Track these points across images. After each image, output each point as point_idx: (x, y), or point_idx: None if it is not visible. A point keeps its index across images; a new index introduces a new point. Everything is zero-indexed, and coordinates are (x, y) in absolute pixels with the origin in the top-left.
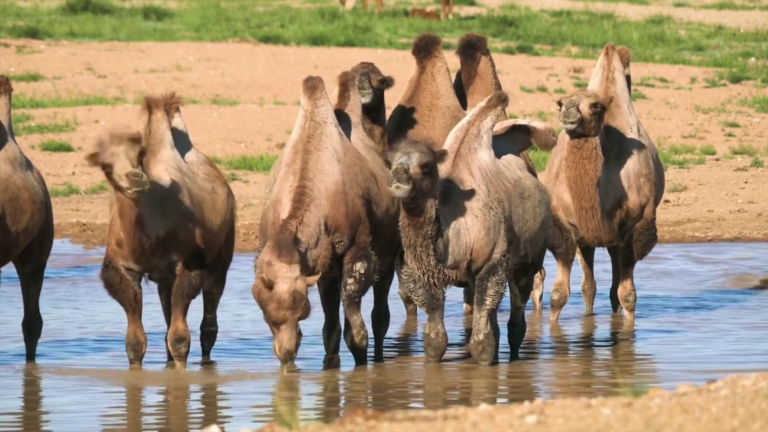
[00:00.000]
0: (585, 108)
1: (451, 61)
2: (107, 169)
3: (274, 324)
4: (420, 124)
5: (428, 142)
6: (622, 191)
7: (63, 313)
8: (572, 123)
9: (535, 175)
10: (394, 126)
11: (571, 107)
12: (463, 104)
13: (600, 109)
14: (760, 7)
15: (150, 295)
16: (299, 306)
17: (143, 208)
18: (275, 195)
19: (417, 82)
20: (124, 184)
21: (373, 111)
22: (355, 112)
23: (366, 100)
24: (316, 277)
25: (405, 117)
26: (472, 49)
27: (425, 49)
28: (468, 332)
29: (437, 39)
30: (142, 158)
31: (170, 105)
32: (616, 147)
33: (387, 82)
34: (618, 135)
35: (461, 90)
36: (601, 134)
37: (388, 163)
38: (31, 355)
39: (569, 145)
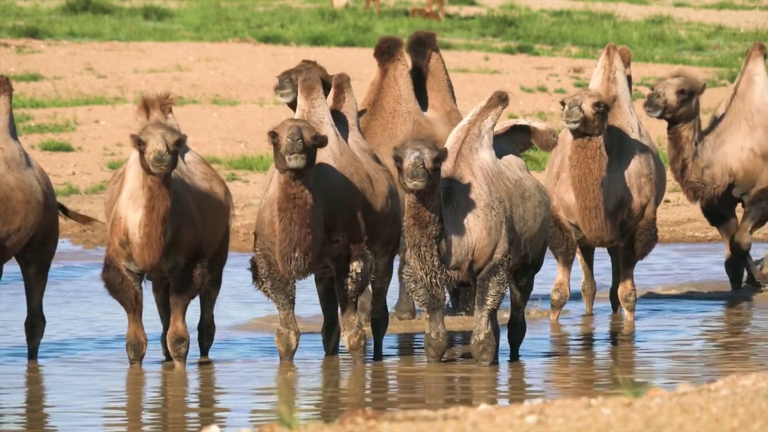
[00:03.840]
0: (588, 107)
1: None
2: (142, 147)
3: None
4: (383, 128)
5: (432, 139)
6: (623, 191)
7: (62, 312)
8: (575, 122)
9: None
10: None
11: (574, 106)
12: (420, 102)
13: (603, 108)
14: (760, 7)
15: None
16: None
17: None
18: (271, 194)
19: (380, 85)
20: (152, 161)
21: None
22: (350, 114)
23: (285, 100)
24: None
25: (368, 121)
26: (422, 47)
27: (387, 52)
28: (467, 332)
29: (400, 42)
30: (177, 147)
31: (165, 105)
32: (617, 147)
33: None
34: (619, 135)
35: (416, 89)
36: (604, 134)
37: (398, 160)
38: (32, 354)
39: (573, 145)
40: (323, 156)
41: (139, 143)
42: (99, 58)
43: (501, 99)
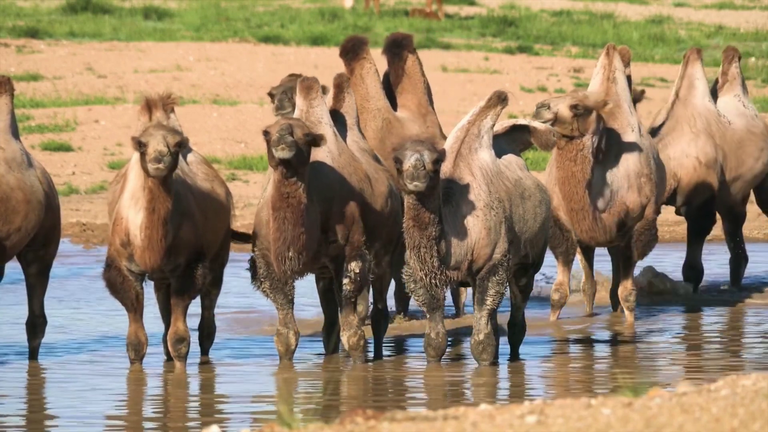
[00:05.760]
0: (564, 109)
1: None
2: (143, 148)
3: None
4: None
5: (431, 140)
6: (622, 191)
7: (62, 312)
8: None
9: None
10: None
11: (541, 108)
12: (392, 104)
13: (581, 110)
14: (760, 7)
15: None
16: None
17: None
18: (268, 194)
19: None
20: (151, 161)
21: None
22: (350, 114)
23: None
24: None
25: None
26: (399, 48)
27: (353, 51)
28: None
29: (365, 40)
30: (178, 148)
31: (167, 105)
32: (617, 147)
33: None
34: (619, 135)
35: (390, 90)
36: (594, 135)
37: (399, 162)
38: (33, 354)
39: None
40: (321, 156)
41: (140, 145)
42: (99, 58)
43: (500, 99)
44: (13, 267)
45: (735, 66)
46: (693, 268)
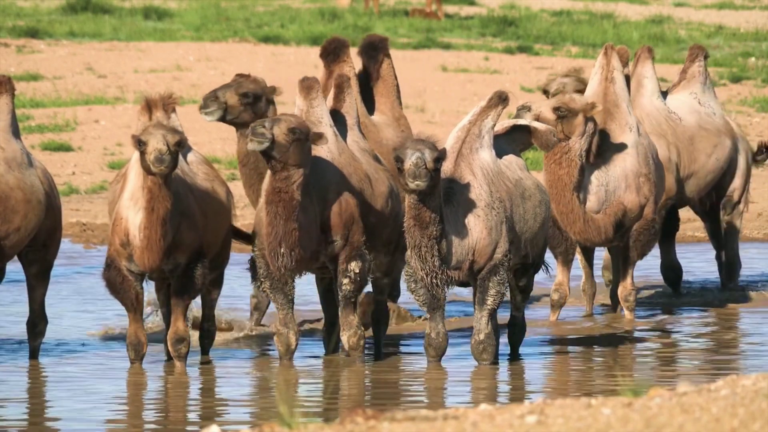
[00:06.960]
0: (546, 111)
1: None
2: (142, 147)
3: None
4: None
5: (432, 139)
6: (619, 191)
7: (62, 312)
8: None
9: None
10: None
11: (522, 110)
12: (367, 106)
13: (565, 113)
14: (760, 7)
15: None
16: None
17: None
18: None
19: (325, 87)
20: (151, 160)
21: (242, 126)
22: (350, 114)
23: (210, 118)
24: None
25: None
26: (375, 51)
27: (334, 53)
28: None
29: (346, 43)
30: (178, 148)
31: (168, 105)
32: (614, 146)
33: (253, 96)
34: (617, 134)
35: (363, 91)
36: (581, 138)
37: (399, 161)
38: (33, 354)
39: None
40: (321, 155)
41: (140, 144)
42: (99, 58)
43: (501, 99)
44: (13, 267)
45: (697, 64)
46: (671, 268)
